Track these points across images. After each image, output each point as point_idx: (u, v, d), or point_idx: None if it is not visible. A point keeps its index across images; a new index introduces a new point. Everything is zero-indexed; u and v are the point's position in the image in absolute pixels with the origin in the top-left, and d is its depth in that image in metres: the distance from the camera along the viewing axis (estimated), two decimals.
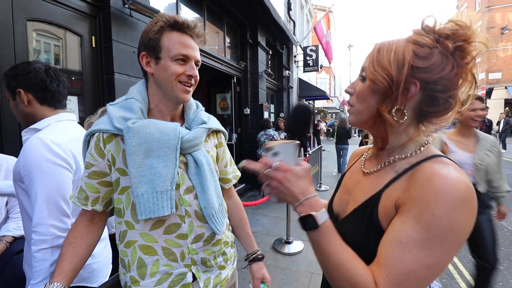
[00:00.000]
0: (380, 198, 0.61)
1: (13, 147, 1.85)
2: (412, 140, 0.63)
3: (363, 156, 0.79)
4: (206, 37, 0.94)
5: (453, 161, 0.58)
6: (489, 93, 13.95)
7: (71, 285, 0.83)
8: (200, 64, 0.92)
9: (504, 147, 11.73)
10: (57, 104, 1.16)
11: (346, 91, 0.70)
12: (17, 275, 1.17)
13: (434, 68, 0.56)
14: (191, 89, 0.91)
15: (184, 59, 0.86)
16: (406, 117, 0.60)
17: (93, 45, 2.49)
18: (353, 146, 8.16)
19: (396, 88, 0.58)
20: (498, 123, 12.66)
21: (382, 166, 0.67)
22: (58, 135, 1.04)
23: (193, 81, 0.90)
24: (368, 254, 0.58)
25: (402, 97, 0.59)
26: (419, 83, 0.57)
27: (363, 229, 0.62)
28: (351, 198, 0.72)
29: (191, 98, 0.97)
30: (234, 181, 1.15)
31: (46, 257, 0.94)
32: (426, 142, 0.64)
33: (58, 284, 0.79)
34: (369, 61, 0.63)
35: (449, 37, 0.56)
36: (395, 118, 0.60)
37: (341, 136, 7.26)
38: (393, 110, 0.60)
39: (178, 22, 0.84)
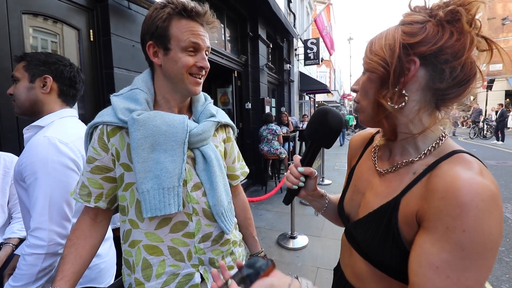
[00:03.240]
0: (399, 205, 0.56)
1: (11, 145, 1.80)
2: (427, 131, 0.57)
3: (373, 150, 0.73)
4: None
5: (475, 156, 0.53)
6: (490, 84, 13.85)
7: (80, 286, 0.79)
8: (210, 51, 0.86)
9: (501, 139, 11.57)
10: (71, 103, 1.16)
11: (352, 89, 0.66)
12: None
13: (429, 39, 0.52)
14: (202, 81, 0.86)
15: (195, 49, 0.80)
16: (405, 100, 0.56)
17: (91, 39, 2.41)
18: None
19: (392, 70, 0.54)
20: (497, 113, 12.52)
21: (398, 166, 0.62)
22: (65, 134, 1.00)
23: (203, 72, 0.85)
24: (383, 262, 0.57)
25: (400, 78, 0.55)
26: (418, 59, 0.53)
27: (379, 236, 0.58)
28: (363, 200, 0.68)
29: None
30: (242, 178, 1.10)
31: (37, 263, 0.89)
32: (443, 135, 0.59)
33: None
34: (364, 53, 0.61)
35: (440, 7, 0.54)
36: (391, 104, 0.56)
37: None
38: (394, 94, 0.56)
39: (187, 8, 0.78)
